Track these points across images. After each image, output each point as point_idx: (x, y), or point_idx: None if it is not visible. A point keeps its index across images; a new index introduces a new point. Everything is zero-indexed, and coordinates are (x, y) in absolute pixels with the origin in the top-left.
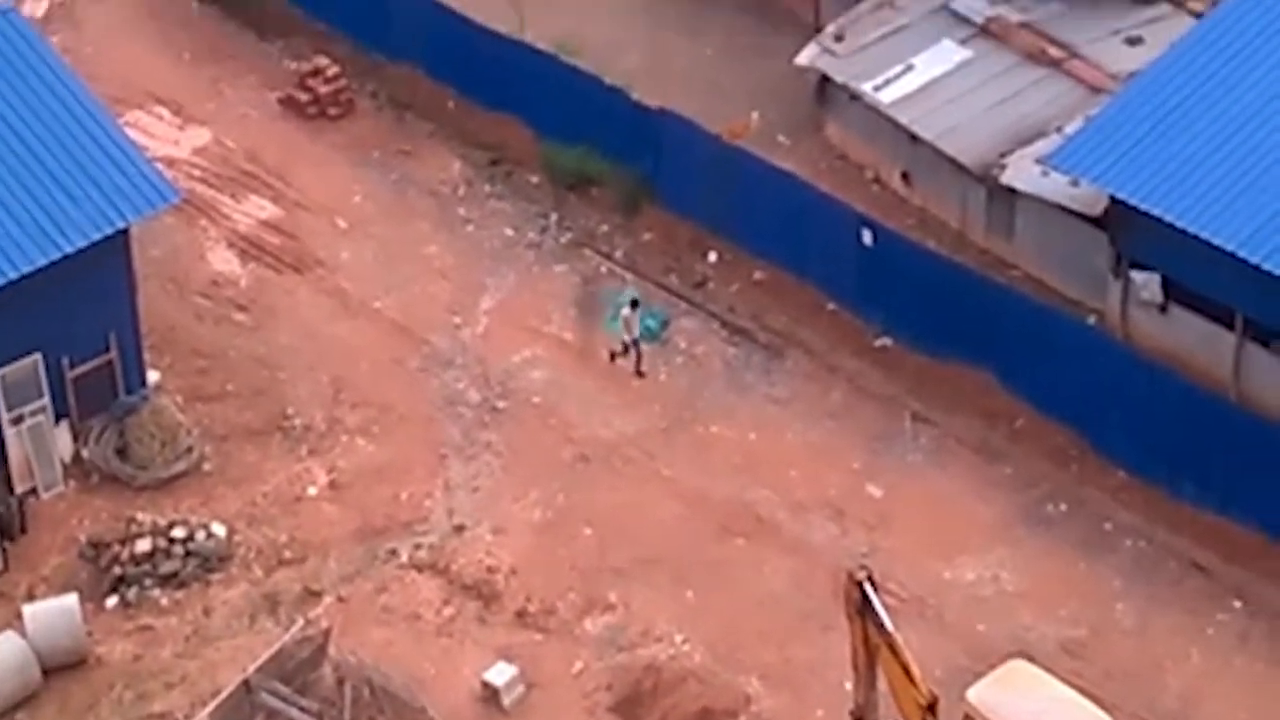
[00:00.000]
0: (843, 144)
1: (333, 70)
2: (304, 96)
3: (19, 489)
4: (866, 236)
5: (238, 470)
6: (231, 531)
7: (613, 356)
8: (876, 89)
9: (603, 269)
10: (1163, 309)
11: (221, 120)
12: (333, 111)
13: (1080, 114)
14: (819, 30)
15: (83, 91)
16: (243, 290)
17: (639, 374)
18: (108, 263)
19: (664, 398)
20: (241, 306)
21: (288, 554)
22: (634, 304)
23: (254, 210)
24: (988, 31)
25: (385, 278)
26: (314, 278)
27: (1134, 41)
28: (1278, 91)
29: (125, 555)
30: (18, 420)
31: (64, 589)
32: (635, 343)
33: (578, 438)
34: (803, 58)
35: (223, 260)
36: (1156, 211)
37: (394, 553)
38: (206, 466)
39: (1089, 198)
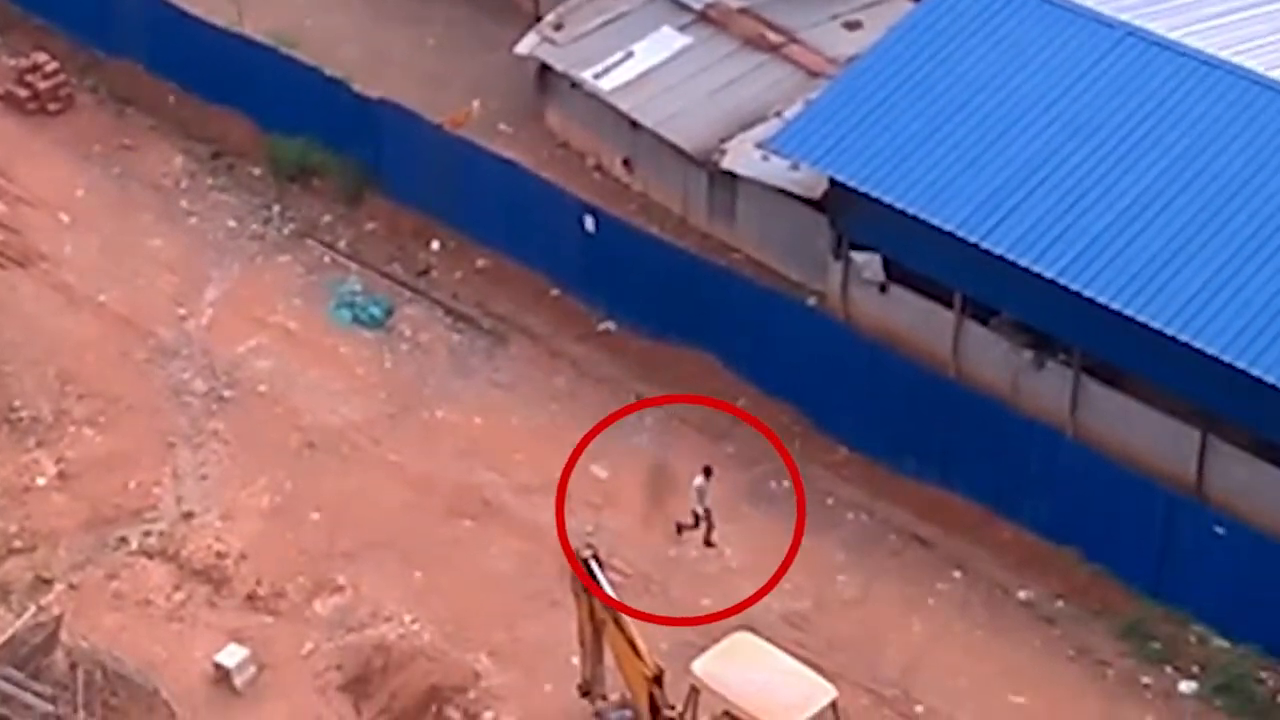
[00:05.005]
0: (564, 132)
1: (51, 66)
2: (23, 92)
3: None
4: (589, 223)
5: None
6: None
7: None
8: (596, 77)
9: (327, 259)
10: (883, 289)
11: None
12: (52, 107)
13: (800, 98)
14: (539, 19)
15: None
16: None
17: (708, 544)
18: None
19: (389, 385)
20: None
21: (18, 543)
22: (707, 472)
23: None
24: (707, 18)
25: (109, 271)
26: (38, 272)
27: (852, 26)
28: (994, 74)
29: None
30: None
31: None
32: (708, 513)
33: (305, 425)
34: (523, 47)
35: None
36: (875, 193)
37: (124, 540)
38: None
39: (809, 181)
